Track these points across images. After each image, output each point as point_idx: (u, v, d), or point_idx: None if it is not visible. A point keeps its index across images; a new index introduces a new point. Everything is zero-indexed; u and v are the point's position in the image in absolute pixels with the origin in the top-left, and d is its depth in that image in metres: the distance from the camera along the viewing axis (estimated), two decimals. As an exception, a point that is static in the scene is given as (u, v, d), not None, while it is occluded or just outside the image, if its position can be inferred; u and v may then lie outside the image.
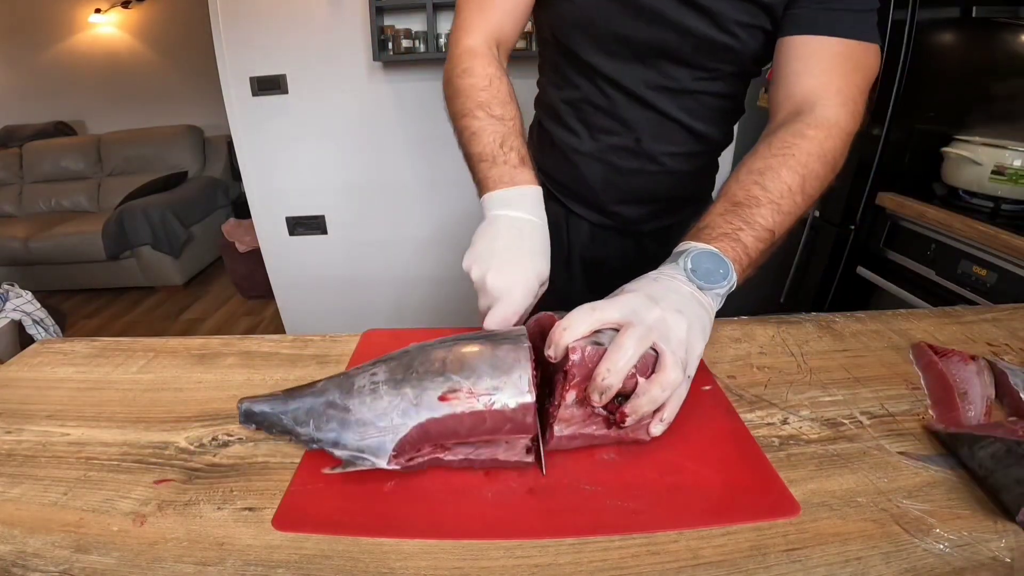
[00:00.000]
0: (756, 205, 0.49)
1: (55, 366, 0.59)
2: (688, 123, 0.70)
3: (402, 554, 0.35)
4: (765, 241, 0.49)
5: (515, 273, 0.50)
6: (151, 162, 3.33)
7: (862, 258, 1.43)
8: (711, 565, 0.33)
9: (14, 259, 2.90)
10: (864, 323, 0.62)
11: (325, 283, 2.15)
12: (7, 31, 3.46)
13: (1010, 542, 0.34)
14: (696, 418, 0.46)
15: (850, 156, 0.56)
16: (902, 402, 0.48)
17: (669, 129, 0.71)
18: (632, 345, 0.38)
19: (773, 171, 0.51)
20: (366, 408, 0.41)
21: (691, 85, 0.67)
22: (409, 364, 0.43)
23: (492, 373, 0.40)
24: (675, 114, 0.69)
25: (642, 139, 0.71)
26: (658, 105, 0.68)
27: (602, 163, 0.75)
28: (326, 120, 1.86)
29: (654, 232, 0.81)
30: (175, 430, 0.48)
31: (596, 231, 0.82)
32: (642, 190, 0.76)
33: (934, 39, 1.26)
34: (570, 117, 0.75)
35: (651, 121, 0.70)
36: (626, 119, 0.70)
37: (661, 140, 0.72)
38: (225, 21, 1.71)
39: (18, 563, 0.35)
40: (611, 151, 0.74)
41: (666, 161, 0.73)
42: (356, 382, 0.43)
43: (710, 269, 0.45)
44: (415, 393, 0.40)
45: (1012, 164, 1.16)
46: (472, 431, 0.40)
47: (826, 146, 0.52)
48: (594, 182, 0.77)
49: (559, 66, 0.73)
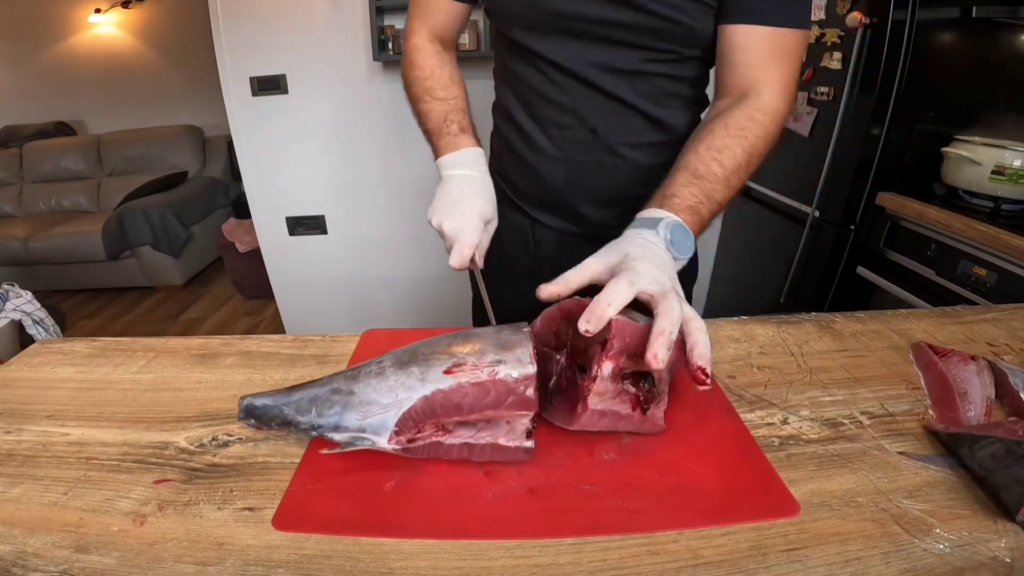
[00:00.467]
0: (715, 181, 0.55)
1: (55, 366, 0.59)
2: (644, 108, 0.68)
3: (402, 554, 0.35)
4: (714, 214, 0.55)
5: (463, 216, 0.63)
6: (151, 162, 3.33)
7: (862, 258, 1.43)
8: (711, 565, 0.33)
9: (14, 259, 2.90)
10: (864, 323, 0.62)
11: (325, 283, 2.15)
12: (7, 31, 3.46)
13: (1010, 542, 0.34)
14: (696, 418, 0.46)
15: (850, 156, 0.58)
16: (902, 402, 0.48)
17: (625, 116, 0.68)
18: (678, 306, 0.42)
19: (730, 150, 0.56)
20: (371, 389, 0.42)
21: (642, 66, 0.65)
22: (415, 349, 0.44)
23: (495, 350, 0.42)
24: (629, 98, 0.67)
25: (597, 129, 0.69)
26: (608, 88, 0.66)
27: (561, 162, 0.73)
28: (326, 120, 1.86)
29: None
30: (175, 430, 0.48)
31: (563, 239, 0.80)
32: (606, 187, 0.74)
33: (934, 39, 1.26)
34: (522, 114, 0.73)
35: (604, 107, 0.68)
36: (577, 107, 0.68)
37: (618, 129, 0.69)
38: (225, 21, 1.71)
39: (18, 563, 0.35)
40: (568, 146, 0.72)
41: (627, 152, 0.71)
42: (363, 370, 0.44)
43: (681, 240, 0.50)
44: (421, 370, 0.42)
45: (1012, 164, 1.16)
46: (476, 404, 0.40)
47: (771, 130, 0.58)
48: (556, 183, 0.75)
49: (507, 61, 0.73)
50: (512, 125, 0.76)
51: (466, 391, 0.40)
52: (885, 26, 1.25)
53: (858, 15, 1.28)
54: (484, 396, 0.40)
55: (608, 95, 0.67)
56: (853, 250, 1.45)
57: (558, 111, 0.70)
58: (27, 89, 3.62)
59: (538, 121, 0.72)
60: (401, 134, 1.87)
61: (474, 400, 0.40)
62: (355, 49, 1.74)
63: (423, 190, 1.97)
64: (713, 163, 0.56)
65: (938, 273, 1.23)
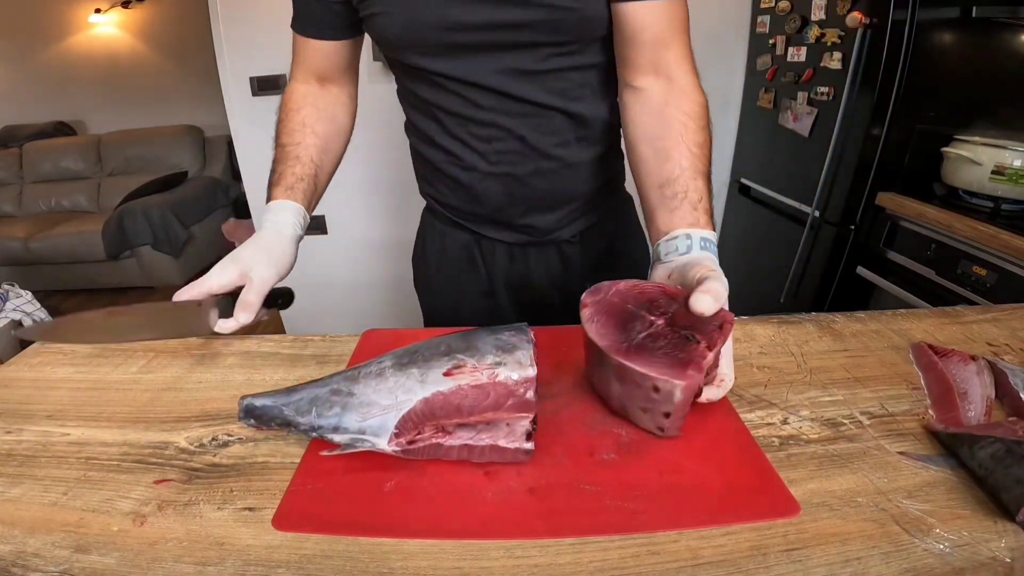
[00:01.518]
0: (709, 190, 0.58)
1: (55, 366, 0.59)
2: (563, 106, 0.65)
3: (402, 554, 0.35)
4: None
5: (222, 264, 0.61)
6: (151, 162, 3.34)
7: (862, 258, 1.43)
8: (711, 565, 0.33)
9: (14, 259, 2.91)
10: (864, 323, 0.62)
11: (325, 283, 2.15)
12: (7, 31, 3.46)
13: (1010, 542, 0.34)
14: (696, 418, 0.46)
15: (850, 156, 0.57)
16: (902, 402, 0.48)
17: (546, 118, 0.66)
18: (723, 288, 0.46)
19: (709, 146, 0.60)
20: (371, 390, 0.42)
21: (547, 64, 0.62)
22: (415, 351, 0.44)
23: (495, 352, 0.42)
24: (545, 99, 0.64)
25: (526, 136, 0.66)
26: (521, 93, 0.64)
27: (497, 177, 0.70)
28: (326, 120, 1.86)
29: (573, 237, 0.77)
30: (175, 430, 0.48)
31: (514, 251, 0.78)
32: (549, 193, 0.71)
33: (934, 39, 1.26)
34: (444, 137, 0.70)
35: (524, 113, 0.65)
36: (497, 119, 0.66)
37: (544, 132, 0.67)
38: (225, 21, 1.71)
39: (18, 563, 0.35)
40: (501, 159, 0.69)
41: (559, 153, 0.68)
42: (362, 371, 0.44)
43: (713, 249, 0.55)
44: (421, 372, 0.42)
45: (1012, 164, 1.16)
46: (475, 406, 0.40)
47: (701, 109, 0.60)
48: (497, 199, 0.72)
49: (410, 86, 0.70)
50: (435, 148, 0.72)
51: (466, 393, 0.40)
52: (885, 26, 1.25)
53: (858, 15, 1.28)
54: (484, 398, 0.40)
55: (523, 101, 0.64)
56: (853, 250, 1.45)
57: (481, 127, 0.67)
58: (27, 89, 3.62)
59: (463, 141, 0.69)
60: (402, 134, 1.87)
61: (474, 402, 0.40)
62: (355, 49, 1.74)
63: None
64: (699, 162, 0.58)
65: (938, 273, 1.23)
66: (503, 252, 0.79)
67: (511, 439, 0.42)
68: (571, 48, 0.62)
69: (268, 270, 0.61)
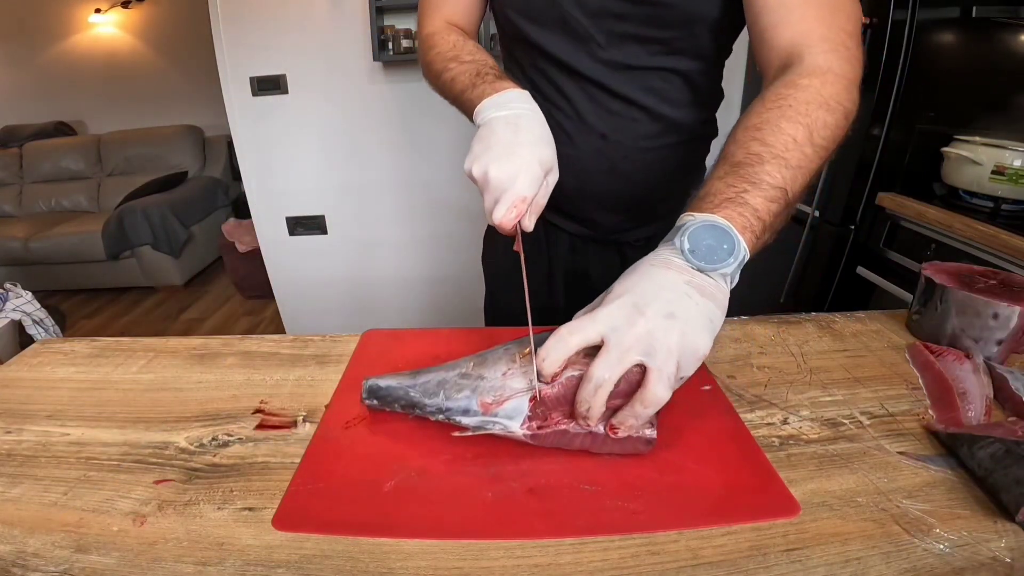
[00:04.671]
0: (759, 163, 0.44)
1: (55, 366, 0.59)
2: (655, 108, 0.64)
3: (402, 554, 0.35)
4: (778, 200, 0.43)
5: (517, 161, 0.49)
6: (151, 162, 3.33)
7: (862, 258, 1.43)
8: (711, 565, 0.33)
9: (14, 259, 2.90)
10: (864, 323, 0.62)
11: (325, 283, 2.15)
12: (7, 31, 3.46)
13: (1010, 542, 0.34)
14: (696, 418, 0.46)
15: (850, 156, 0.56)
16: (902, 402, 0.48)
17: (634, 119, 0.65)
18: (606, 371, 0.37)
19: (772, 124, 0.46)
20: (502, 374, 0.42)
21: (650, 61, 0.61)
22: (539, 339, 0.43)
23: None
24: (639, 98, 0.63)
25: (607, 135, 0.66)
26: (617, 88, 0.63)
27: (572, 170, 0.68)
28: (326, 120, 1.86)
29: (637, 242, 0.77)
30: (175, 430, 0.48)
31: (576, 242, 0.78)
32: (618, 194, 0.71)
33: (934, 39, 1.26)
34: None
35: (613, 111, 0.65)
36: (585, 113, 0.66)
37: (628, 133, 0.66)
38: (225, 21, 1.71)
39: (18, 563, 0.35)
40: (579, 154, 0.69)
41: (638, 157, 0.68)
42: (490, 356, 0.44)
43: (711, 246, 0.40)
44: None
45: (1012, 164, 1.16)
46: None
47: (825, 92, 0.47)
48: (568, 191, 0.69)
49: (513, 51, 0.70)
50: None
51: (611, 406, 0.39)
52: (885, 26, 1.25)
53: (858, 15, 1.28)
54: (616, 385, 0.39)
55: (617, 96, 0.64)
56: (853, 250, 1.44)
57: (567, 119, 0.68)
58: (27, 89, 3.62)
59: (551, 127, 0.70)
60: (402, 134, 1.87)
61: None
62: (355, 49, 1.74)
63: (424, 190, 1.97)
64: (753, 143, 0.45)
65: (938, 273, 1.23)
66: (565, 242, 0.79)
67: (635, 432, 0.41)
68: (675, 47, 0.60)
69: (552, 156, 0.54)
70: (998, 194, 1.18)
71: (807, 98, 0.46)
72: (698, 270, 0.40)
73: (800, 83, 0.47)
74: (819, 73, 0.48)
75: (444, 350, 0.57)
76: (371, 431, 0.46)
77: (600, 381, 0.37)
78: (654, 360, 0.37)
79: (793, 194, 0.44)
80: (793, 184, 0.44)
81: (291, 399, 0.51)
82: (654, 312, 0.37)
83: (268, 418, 0.49)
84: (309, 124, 1.86)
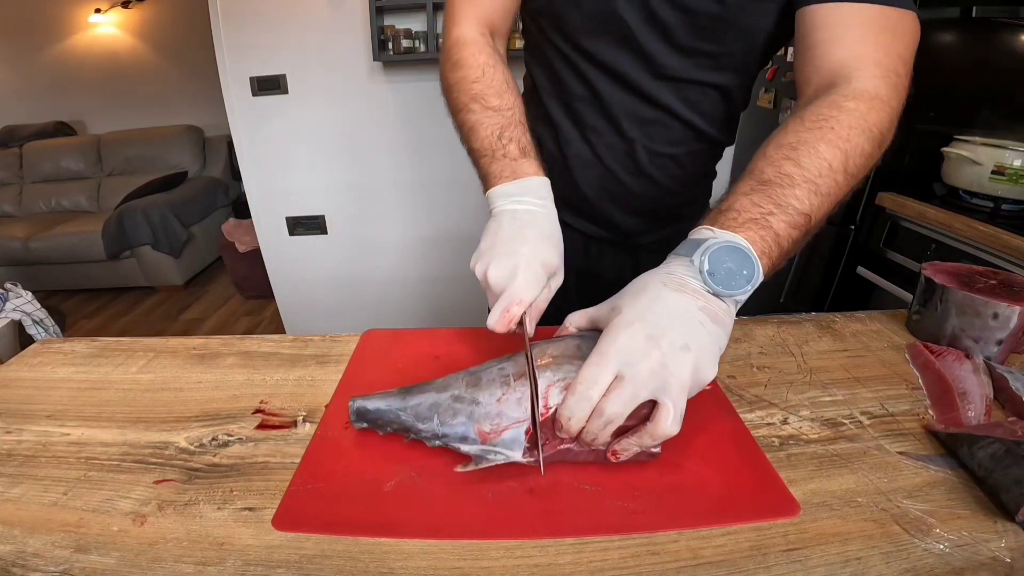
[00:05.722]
0: (790, 185, 0.42)
1: (55, 366, 0.59)
2: (688, 118, 0.64)
3: (402, 554, 0.35)
4: (800, 228, 0.41)
5: (515, 262, 0.47)
6: (151, 162, 3.33)
7: (862, 258, 1.43)
8: (711, 565, 0.33)
9: (14, 259, 2.90)
10: (864, 323, 0.62)
11: (325, 283, 2.15)
12: (7, 31, 3.46)
13: (1010, 542, 0.34)
14: (696, 418, 0.46)
15: None
16: (902, 402, 0.48)
17: (666, 126, 0.65)
18: (619, 407, 0.36)
19: (809, 146, 0.43)
20: (496, 399, 0.40)
21: (691, 73, 0.60)
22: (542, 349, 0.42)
23: None
24: (675, 107, 0.63)
25: (636, 139, 0.66)
26: (655, 95, 0.62)
27: (596, 168, 0.69)
28: (326, 120, 1.86)
29: (652, 244, 0.76)
30: (175, 430, 0.48)
31: (591, 244, 0.77)
32: (639, 197, 0.71)
33: (934, 39, 1.26)
34: (561, 115, 0.69)
35: (646, 116, 0.64)
36: (618, 115, 0.65)
37: (657, 139, 0.66)
38: (225, 21, 1.71)
39: (18, 563, 0.35)
40: (605, 153, 0.68)
41: (663, 163, 0.68)
42: (484, 376, 0.42)
43: (731, 270, 0.38)
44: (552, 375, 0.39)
45: (1012, 164, 1.16)
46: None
47: (870, 119, 0.45)
48: (589, 189, 0.71)
49: (546, 52, 0.68)
50: (547, 124, 0.71)
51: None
52: (885, 26, 1.25)
53: (858, 15, 1.28)
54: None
55: (653, 103, 0.63)
56: (853, 250, 1.45)
57: (598, 117, 0.66)
58: (27, 89, 3.62)
59: (578, 125, 0.68)
60: (402, 134, 1.87)
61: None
62: (355, 49, 1.74)
63: (424, 190, 1.97)
64: (786, 163, 0.43)
65: (938, 273, 1.23)
66: (580, 242, 0.77)
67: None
68: (723, 61, 0.59)
69: (559, 259, 0.52)
70: (998, 194, 1.18)
71: (851, 123, 0.44)
72: (713, 294, 0.39)
73: (846, 106, 0.45)
74: (867, 98, 0.46)
75: (444, 350, 0.57)
76: (371, 431, 0.46)
77: (612, 416, 0.36)
78: (667, 396, 0.35)
79: (816, 221, 0.43)
80: (818, 212, 0.42)
81: (291, 399, 0.51)
82: (669, 344, 0.36)
83: (268, 418, 0.49)
84: (309, 124, 1.87)
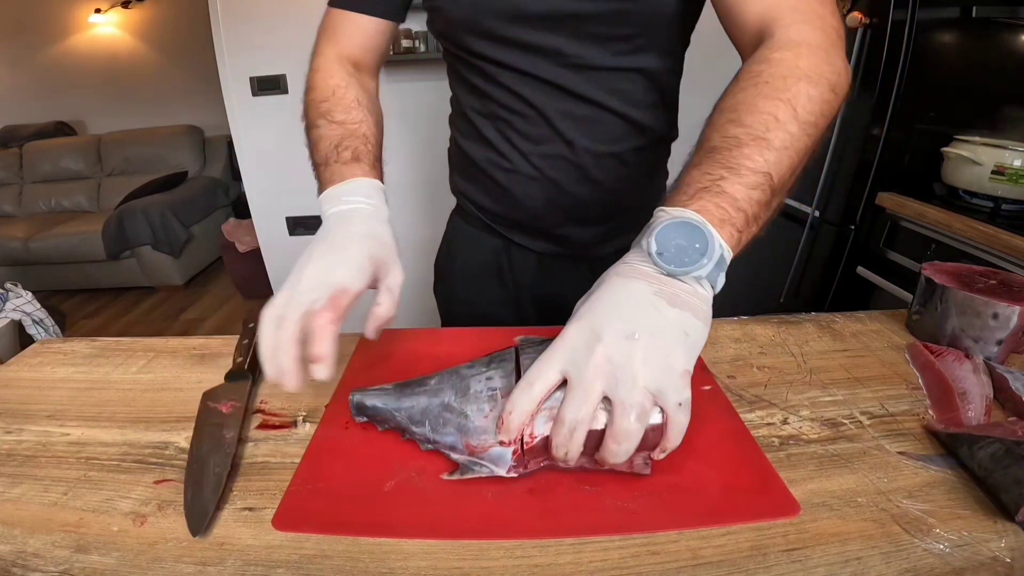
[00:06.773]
0: (737, 146, 0.39)
1: (55, 366, 0.59)
2: (622, 110, 0.61)
3: (402, 554, 0.35)
4: (761, 187, 0.38)
5: (336, 256, 0.46)
6: (151, 162, 3.34)
7: (862, 258, 1.43)
8: (711, 565, 0.33)
9: (14, 259, 2.91)
10: (864, 323, 0.62)
11: (325, 283, 2.15)
12: (7, 31, 3.46)
13: (1010, 542, 0.34)
14: (696, 418, 0.45)
15: (850, 156, 0.55)
16: (902, 402, 0.48)
17: (602, 122, 0.62)
18: (575, 411, 0.34)
19: (748, 104, 0.41)
20: (484, 417, 0.41)
21: (613, 61, 0.58)
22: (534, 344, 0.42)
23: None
24: (604, 100, 0.60)
25: (574, 141, 0.63)
26: (581, 91, 0.59)
27: (538, 181, 0.66)
28: (326, 120, 1.86)
29: (611, 256, 0.71)
30: (175, 430, 0.48)
31: (545, 261, 0.73)
32: (590, 205, 0.67)
33: (934, 39, 1.26)
34: (491, 131, 0.66)
35: (579, 115, 0.61)
36: (550, 119, 0.62)
37: (597, 138, 0.63)
38: (225, 21, 1.71)
39: (18, 563, 0.35)
40: (544, 163, 0.65)
41: (607, 164, 0.65)
42: (472, 385, 0.43)
43: (681, 247, 0.36)
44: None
45: (1012, 164, 1.16)
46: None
47: (802, 65, 0.42)
48: (534, 205, 0.67)
49: (462, 75, 0.66)
50: (479, 142, 0.68)
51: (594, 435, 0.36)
52: (885, 26, 1.25)
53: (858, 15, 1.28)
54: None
55: (582, 99, 0.61)
56: (853, 250, 1.45)
57: (530, 125, 0.63)
58: (27, 89, 3.62)
59: (509, 139, 0.65)
60: (402, 134, 1.87)
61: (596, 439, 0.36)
62: (355, 49, 1.74)
63: (424, 190, 1.97)
64: (729, 125, 0.41)
65: (938, 273, 1.23)
66: (533, 262, 0.74)
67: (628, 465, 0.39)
68: (638, 44, 0.58)
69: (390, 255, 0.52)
70: (998, 194, 1.19)
71: (783, 72, 0.42)
72: (668, 275, 0.36)
73: (772, 57, 0.43)
74: (792, 46, 0.44)
75: (444, 350, 0.57)
76: (371, 431, 0.46)
77: (573, 424, 0.34)
78: (618, 391, 0.33)
79: (780, 179, 0.40)
80: (778, 168, 0.39)
81: (291, 399, 0.51)
82: (611, 335, 0.34)
83: (268, 418, 0.49)
84: (309, 124, 1.87)
